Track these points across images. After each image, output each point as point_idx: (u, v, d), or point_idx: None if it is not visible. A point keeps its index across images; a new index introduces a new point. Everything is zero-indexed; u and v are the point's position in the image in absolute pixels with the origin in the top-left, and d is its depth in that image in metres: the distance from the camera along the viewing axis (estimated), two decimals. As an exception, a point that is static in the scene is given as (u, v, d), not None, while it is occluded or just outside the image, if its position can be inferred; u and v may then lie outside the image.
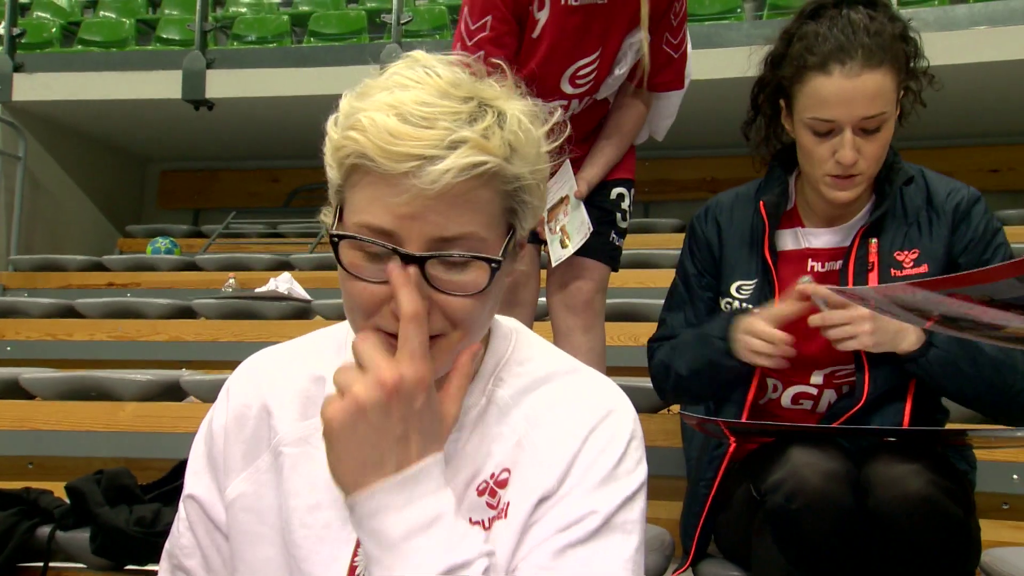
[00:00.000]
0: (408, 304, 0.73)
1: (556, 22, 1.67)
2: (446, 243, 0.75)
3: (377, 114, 0.74)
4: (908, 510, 1.18)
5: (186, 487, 0.92)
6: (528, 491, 0.81)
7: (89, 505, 1.72)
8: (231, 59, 5.32)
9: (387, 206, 0.74)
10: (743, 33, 4.41)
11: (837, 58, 1.32)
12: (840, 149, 1.34)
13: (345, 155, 0.75)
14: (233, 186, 6.35)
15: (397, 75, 0.77)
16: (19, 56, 5.47)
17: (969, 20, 4.42)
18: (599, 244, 1.83)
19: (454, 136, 0.73)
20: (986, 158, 5.16)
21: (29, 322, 3.91)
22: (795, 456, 1.24)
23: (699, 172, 5.45)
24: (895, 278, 1.41)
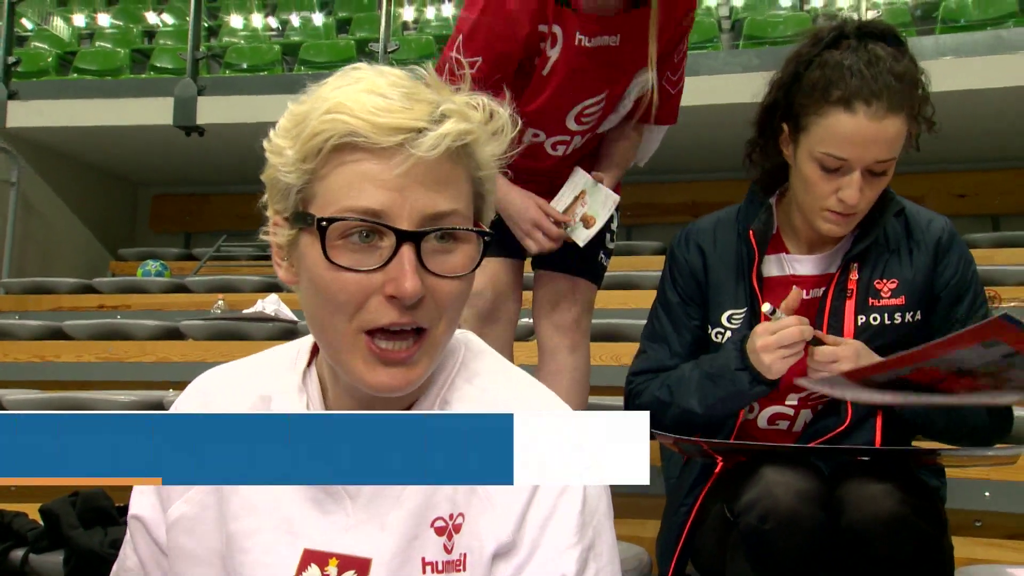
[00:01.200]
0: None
1: (567, 61, 1.63)
2: (437, 219, 0.74)
3: (357, 94, 0.72)
4: (881, 529, 1.15)
5: (131, 507, 0.89)
6: (483, 542, 0.78)
7: (63, 527, 1.67)
8: (222, 86, 5.32)
9: (377, 182, 0.71)
10: (720, 61, 4.45)
11: (864, 98, 1.26)
12: (847, 188, 1.30)
13: (325, 139, 0.72)
14: (224, 210, 6.31)
15: (351, 75, 0.76)
16: (14, 84, 5.46)
17: (935, 51, 4.47)
18: (587, 263, 1.81)
19: (440, 109, 0.73)
20: (954, 184, 5.20)
21: (17, 344, 3.85)
22: (768, 476, 1.20)
23: (681, 196, 5.46)
24: (872, 307, 1.38)
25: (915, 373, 1.00)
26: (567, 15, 1.59)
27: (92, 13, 7.56)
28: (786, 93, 1.37)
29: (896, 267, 1.41)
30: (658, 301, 1.54)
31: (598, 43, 1.62)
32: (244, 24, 6.94)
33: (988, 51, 4.40)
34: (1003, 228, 5.12)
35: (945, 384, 0.97)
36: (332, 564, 0.78)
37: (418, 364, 0.76)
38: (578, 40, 1.61)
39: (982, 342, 0.87)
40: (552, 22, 1.59)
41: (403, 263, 0.72)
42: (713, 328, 1.46)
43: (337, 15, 6.89)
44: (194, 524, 0.83)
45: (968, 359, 0.90)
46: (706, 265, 1.48)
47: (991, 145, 5.07)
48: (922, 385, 1.00)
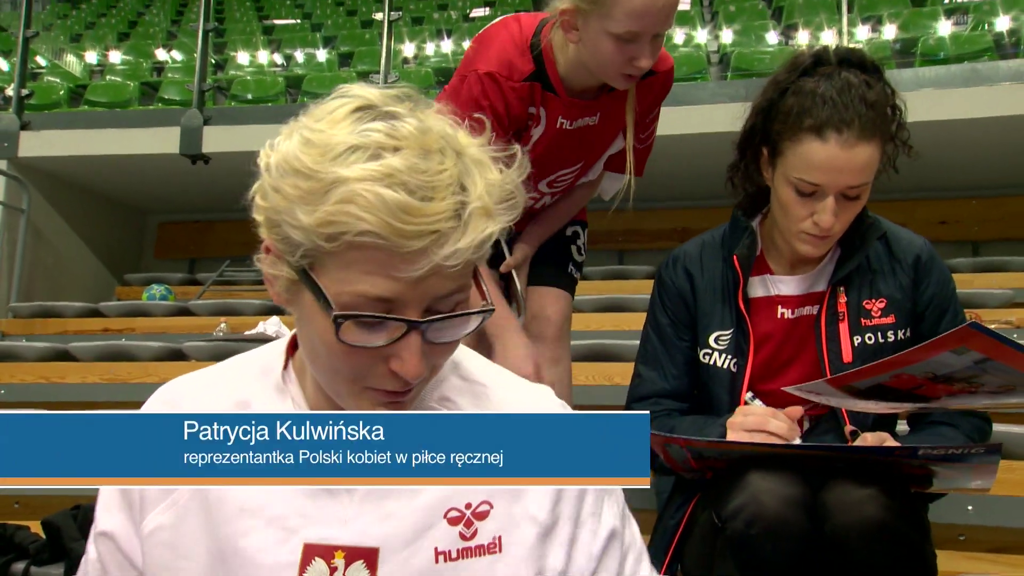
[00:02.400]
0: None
1: (548, 140, 1.65)
2: (438, 301, 0.72)
3: (376, 187, 0.67)
4: (865, 534, 1.14)
5: (97, 523, 0.83)
6: (521, 526, 0.78)
7: (64, 540, 1.65)
8: (227, 116, 5.35)
9: (393, 278, 0.69)
10: (709, 92, 4.49)
11: (834, 126, 1.27)
12: (821, 213, 1.31)
13: (342, 231, 0.67)
14: (227, 236, 6.31)
15: (359, 131, 0.70)
16: (27, 115, 5.49)
17: (915, 83, 4.52)
18: (560, 275, 1.83)
19: (468, 209, 0.70)
20: (935, 211, 5.24)
21: (24, 366, 3.83)
22: (754, 482, 1.20)
23: (669, 222, 5.48)
24: (865, 327, 1.39)
25: (894, 380, 1.00)
26: (551, 99, 1.60)
27: (104, 50, 7.64)
28: (764, 118, 1.38)
29: (882, 286, 1.42)
30: (649, 325, 1.54)
31: (579, 124, 1.65)
32: (250, 60, 7.01)
33: (965, 83, 4.46)
34: (982, 254, 5.15)
35: (923, 390, 0.97)
36: (339, 556, 0.76)
37: (411, 400, 0.78)
38: (559, 123, 1.63)
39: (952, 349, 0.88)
40: (539, 105, 1.61)
41: (410, 350, 0.72)
42: (701, 349, 1.46)
43: (339, 49, 6.97)
44: (176, 534, 0.79)
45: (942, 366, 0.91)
46: (694, 288, 1.49)
47: (969, 173, 5.11)
48: (902, 391, 1.01)
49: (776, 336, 1.44)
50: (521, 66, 1.57)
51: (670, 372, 1.48)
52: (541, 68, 1.58)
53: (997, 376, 0.89)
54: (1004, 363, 0.87)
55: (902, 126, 1.37)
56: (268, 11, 8.94)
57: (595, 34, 1.46)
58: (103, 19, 9.40)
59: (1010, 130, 4.45)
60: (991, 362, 0.87)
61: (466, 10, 7.71)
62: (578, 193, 1.83)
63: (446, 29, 6.83)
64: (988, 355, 0.86)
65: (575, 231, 1.90)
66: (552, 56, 1.58)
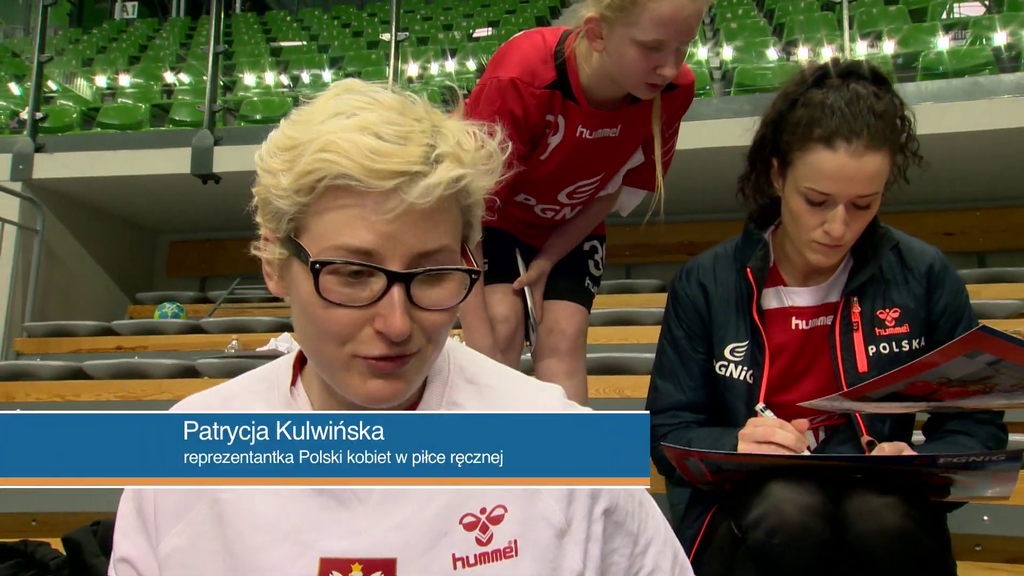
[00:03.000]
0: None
1: (567, 150, 1.65)
2: (425, 257, 0.72)
3: (349, 133, 0.70)
4: (886, 542, 1.14)
5: (116, 550, 0.83)
6: (536, 529, 0.77)
7: (85, 556, 1.64)
8: (237, 136, 5.37)
9: (369, 224, 0.70)
10: (713, 108, 4.52)
11: (844, 136, 1.28)
12: (831, 222, 1.32)
13: (318, 178, 0.70)
14: (238, 254, 6.20)
15: (343, 101, 0.73)
16: (41, 138, 5.52)
17: (917, 97, 4.53)
18: (577, 289, 1.82)
19: (436, 152, 0.71)
20: (941, 223, 5.23)
21: (39, 384, 3.84)
22: (774, 491, 1.20)
23: (677, 236, 5.48)
24: (880, 337, 1.39)
25: (909, 388, 1.00)
26: (572, 108, 1.60)
27: (114, 74, 7.71)
28: (774, 130, 1.39)
29: (895, 296, 1.41)
30: (664, 338, 1.54)
31: (599, 135, 1.64)
32: (257, 82, 7.06)
33: (966, 97, 4.47)
34: (989, 264, 5.14)
35: (938, 396, 0.97)
36: (356, 569, 0.75)
37: (407, 376, 0.76)
38: (579, 132, 1.63)
39: (966, 354, 0.89)
40: (558, 113, 1.61)
41: (393, 303, 0.71)
42: (717, 362, 1.46)
43: (345, 70, 7.02)
44: (192, 554, 0.78)
45: (955, 370, 0.92)
46: (708, 300, 1.48)
47: (973, 185, 5.11)
48: (916, 397, 1.01)
49: (791, 347, 1.43)
50: (543, 74, 1.57)
51: (686, 384, 1.48)
52: (563, 77, 1.58)
53: (1011, 375, 0.90)
54: (1016, 363, 0.88)
55: (911, 136, 1.37)
56: (275, 33, 9.03)
57: (620, 42, 1.47)
58: (114, 44, 9.49)
59: (1012, 142, 4.45)
60: (1003, 363, 0.88)
61: (470, 30, 7.77)
62: (596, 208, 1.83)
63: (450, 49, 6.87)
64: (1000, 356, 0.87)
65: (593, 245, 1.90)
66: (575, 66, 1.58)
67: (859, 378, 1.36)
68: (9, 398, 3.72)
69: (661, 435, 1.46)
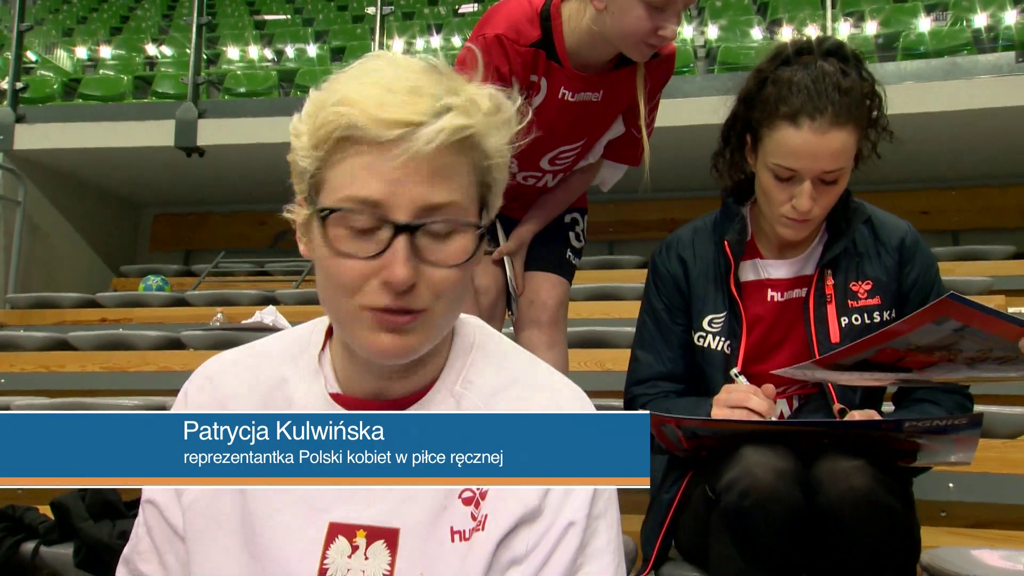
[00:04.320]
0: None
1: (549, 112, 1.64)
2: (433, 211, 0.73)
3: (364, 87, 0.72)
4: (853, 504, 1.17)
5: (145, 492, 0.86)
6: (508, 505, 0.78)
7: (73, 520, 1.65)
8: (221, 109, 5.32)
9: (377, 173, 0.71)
10: (696, 86, 4.52)
11: (808, 113, 1.30)
12: (799, 198, 1.33)
13: (331, 130, 0.72)
14: (222, 228, 6.30)
15: (367, 65, 0.76)
16: (21, 108, 5.44)
17: (897, 76, 4.56)
18: (558, 261, 1.83)
19: (442, 103, 0.72)
20: (917, 202, 5.28)
21: (23, 355, 3.82)
22: (747, 456, 1.23)
23: (659, 213, 5.50)
24: (852, 309, 1.41)
25: (878, 354, 1.03)
26: (555, 69, 1.61)
27: (94, 45, 7.58)
28: (746, 107, 1.41)
29: (868, 269, 1.44)
30: (644, 311, 1.56)
31: (580, 98, 1.64)
32: (241, 55, 6.97)
33: (945, 76, 4.50)
34: (962, 243, 5.20)
35: (905, 362, 1.00)
36: (360, 535, 0.78)
37: (415, 333, 0.76)
38: (561, 94, 1.63)
39: (934, 320, 0.92)
40: (541, 74, 1.61)
41: (396, 253, 0.72)
42: (695, 332, 1.48)
43: (331, 44, 6.94)
44: (213, 505, 0.81)
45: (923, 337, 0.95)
46: (687, 273, 1.50)
47: (950, 165, 5.16)
48: (885, 364, 1.04)
49: (767, 318, 1.46)
50: (528, 32, 1.57)
51: (666, 355, 1.50)
52: (548, 37, 1.58)
53: (974, 342, 0.94)
54: (980, 329, 0.91)
55: (880, 112, 1.39)
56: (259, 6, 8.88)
57: (627, 1, 1.47)
58: (94, 14, 9.30)
59: (989, 122, 4.49)
60: (968, 329, 0.91)
61: (455, 5, 7.69)
62: (576, 179, 1.83)
63: (435, 24, 6.81)
64: (966, 323, 0.90)
65: (574, 217, 1.90)
66: (560, 27, 1.58)
67: (832, 348, 1.38)
68: (-6, 368, 3.70)
69: (641, 404, 1.49)
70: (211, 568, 0.81)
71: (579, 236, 1.90)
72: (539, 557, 0.78)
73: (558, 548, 0.78)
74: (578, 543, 0.79)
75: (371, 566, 0.77)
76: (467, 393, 0.83)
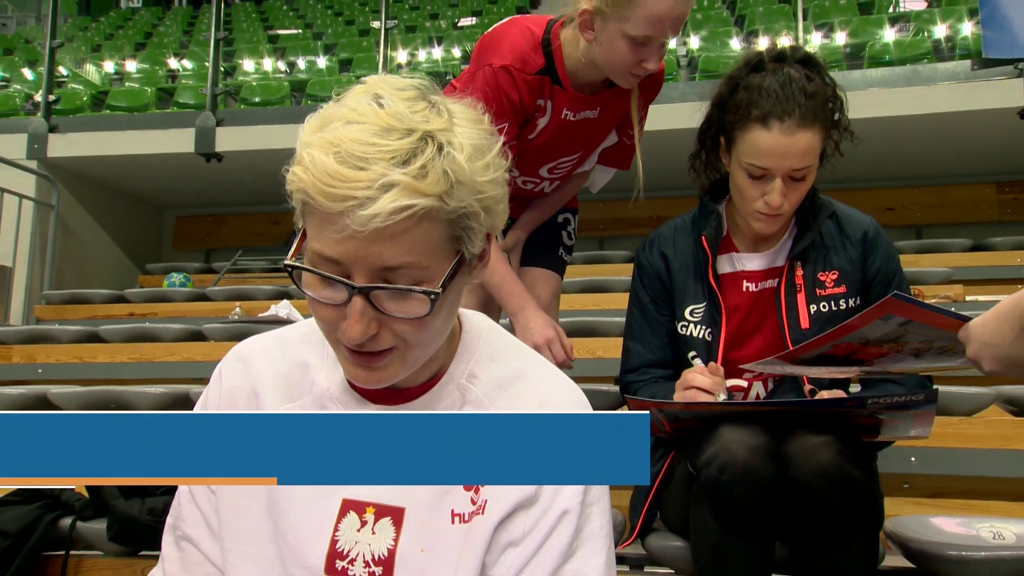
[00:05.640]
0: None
1: (552, 130, 1.65)
2: (389, 271, 0.70)
3: (318, 153, 0.68)
4: (822, 477, 1.18)
5: None
6: (506, 492, 0.79)
7: (106, 498, 1.66)
8: (238, 118, 5.31)
9: (331, 237, 0.69)
10: (679, 92, 4.52)
11: (777, 115, 1.31)
12: (770, 194, 1.35)
13: (293, 189, 0.70)
14: (240, 228, 6.29)
15: (347, 107, 0.71)
16: (54, 119, 5.44)
17: (864, 83, 4.56)
18: (551, 257, 1.84)
19: (385, 179, 0.66)
20: (882, 199, 5.29)
21: (58, 347, 3.82)
22: (725, 434, 1.24)
23: (646, 211, 5.47)
24: (820, 297, 1.42)
25: (834, 349, 1.05)
26: (558, 92, 1.61)
27: (121, 60, 7.56)
28: (719, 111, 1.41)
29: (834, 260, 1.45)
30: (632, 304, 1.57)
31: (581, 117, 1.65)
32: (255, 68, 6.95)
33: (908, 83, 4.50)
34: (924, 237, 5.22)
35: (859, 355, 1.02)
36: (369, 512, 0.79)
37: (387, 368, 0.75)
38: (564, 114, 1.63)
39: (881, 317, 0.94)
40: (547, 98, 1.61)
41: (352, 312, 0.70)
42: (679, 322, 1.49)
43: (339, 56, 6.92)
44: None
45: (873, 332, 0.97)
46: (669, 268, 1.51)
47: (913, 165, 5.16)
48: (840, 358, 1.05)
49: (743, 308, 1.47)
50: (534, 60, 1.57)
51: (654, 344, 1.51)
52: (551, 63, 1.58)
53: (918, 334, 0.96)
54: (922, 323, 0.94)
55: (842, 113, 1.40)
56: (273, 22, 8.86)
57: (612, 35, 1.47)
58: (120, 31, 9.27)
59: (948, 125, 4.50)
60: (912, 323, 0.93)
61: (455, 19, 7.67)
62: (570, 184, 1.84)
63: (436, 37, 6.79)
64: (909, 318, 0.92)
65: (566, 218, 1.91)
66: (561, 53, 1.58)
67: (802, 333, 1.40)
68: (31, 359, 3.70)
69: (633, 391, 1.50)
70: (236, 524, 0.82)
71: (571, 235, 1.91)
72: (535, 540, 0.78)
73: (554, 533, 0.78)
74: (573, 529, 0.79)
75: (377, 540, 0.78)
76: (472, 387, 0.83)
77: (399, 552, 0.78)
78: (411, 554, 0.78)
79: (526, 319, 1.60)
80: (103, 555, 1.73)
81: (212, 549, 0.85)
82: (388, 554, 0.78)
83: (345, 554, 0.79)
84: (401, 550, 0.78)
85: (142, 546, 1.69)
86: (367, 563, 0.78)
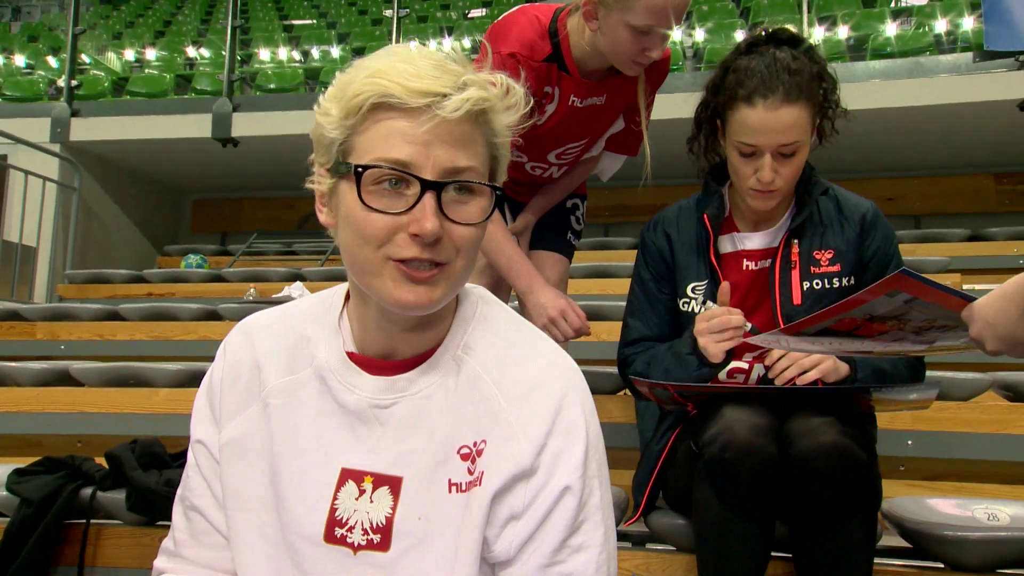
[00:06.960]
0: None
1: (560, 116, 1.64)
2: (456, 173, 0.74)
3: (393, 63, 0.73)
4: (822, 456, 1.18)
5: (193, 434, 0.87)
6: (503, 463, 0.77)
7: (125, 469, 1.67)
8: (254, 104, 5.29)
9: (406, 137, 0.72)
10: (685, 81, 4.48)
11: (760, 93, 1.31)
12: (760, 170, 1.34)
13: (365, 99, 0.72)
14: (255, 212, 6.29)
15: (392, 49, 0.77)
16: (76, 104, 5.43)
17: (866, 75, 4.51)
18: (560, 241, 1.83)
19: (463, 79, 0.74)
20: (883, 188, 5.24)
21: (80, 325, 3.83)
22: (728, 413, 1.23)
23: (651, 199, 5.43)
24: (814, 274, 1.41)
25: (838, 323, 1.04)
26: (565, 79, 1.60)
27: (140, 48, 7.54)
28: (713, 94, 1.42)
29: (831, 239, 1.44)
30: (634, 281, 1.56)
31: (588, 103, 1.64)
32: (271, 56, 6.92)
33: (909, 75, 4.44)
34: (923, 226, 5.17)
35: (861, 330, 1.01)
36: (368, 481, 0.78)
37: (438, 285, 0.75)
38: (571, 101, 1.62)
39: (886, 293, 0.92)
40: (555, 85, 1.60)
41: (425, 208, 0.72)
42: (680, 299, 1.49)
43: (352, 45, 6.88)
44: (245, 447, 0.83)
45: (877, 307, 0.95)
46: (672, 246, 1.51)
47: (913, 155, 5.11)
48: (843, 332, 1.04)
49: (742, 286, 1.46)
50: (541, 47, 1.56)
51: (652, 320, 1.51)
52: (558, 51, 1.57)
53: (921, 312, 0.94)
54: (926, 300, 0.92)
55: (832, 91, 1.38)
56: (288, 11, 8.81)
57: (615, 25, 1.46)
58: (140, 19, 9.24)
59: (948, 116, 4.45)
60: (916, 301, 0.92)
61: (466, 10, 7.61)
62: (578, 169, 1.82)
63: (447, 26, 6.75)
64: (914, 295, 0.91)
65: (575, 203, 1.90)
66: (567, 41, 1.57)
67: (793, 309, 1.39)
68: (54, 336, 3.71)
69: (630, 363, 1.49)
70: (239, 492, 0.82)
71: (579, 220, 1.90)
72: (537, 514, 0.77)
73: (557, 508, 0.77)
74: (577, 503, 0.78)
75: (375, 508, 0.78)
76: (467, 358, 0.82)
77: (397, 520, 0.77)
78: (409, 522, 0.77)
79: (536, 296, 1.59)
80: (122, 524, 1.74)
81: (219, 518, 0.85)
82: (386, 522, 0.78)
83: (344, 522, 0.78)
84: (399, 518, 0.77)
85: (159, 516, 1.69)
86: (365, 531, 0.78)
